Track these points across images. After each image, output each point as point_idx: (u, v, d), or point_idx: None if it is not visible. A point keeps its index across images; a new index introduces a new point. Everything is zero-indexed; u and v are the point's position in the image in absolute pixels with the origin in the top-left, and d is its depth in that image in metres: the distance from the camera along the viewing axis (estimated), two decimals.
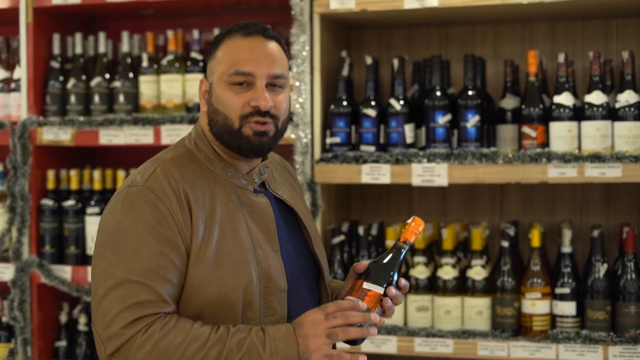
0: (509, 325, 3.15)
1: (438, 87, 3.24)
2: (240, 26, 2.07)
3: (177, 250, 1.96)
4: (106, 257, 1.95)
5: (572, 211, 3.50)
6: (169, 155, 2.09)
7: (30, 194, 3.63)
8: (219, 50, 2.07)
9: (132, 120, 3.49)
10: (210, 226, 2.00)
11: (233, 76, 2.03)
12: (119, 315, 1.90)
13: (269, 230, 2.09)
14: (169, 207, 1.97)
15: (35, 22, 3.65)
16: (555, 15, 3.40)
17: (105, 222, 2.01)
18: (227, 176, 2.09)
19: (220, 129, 2.06)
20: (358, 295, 2.03)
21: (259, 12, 3.72)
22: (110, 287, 1.92)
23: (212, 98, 2.07)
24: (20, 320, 3.61)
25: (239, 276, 1.99)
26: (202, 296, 1.97)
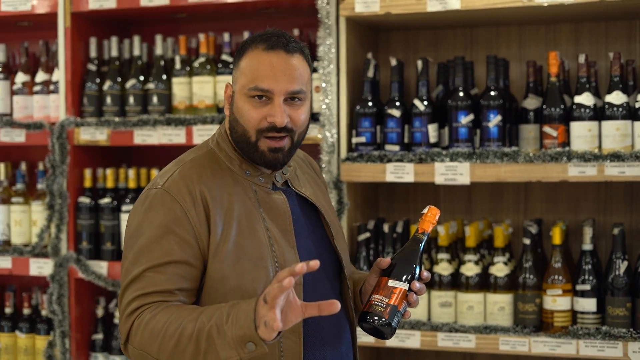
0: (530, 321, 3.21)
1: (461, 88, 3.31)
2: (264, 37, 2.12)
3: (190, 247, 2.06)
4: (127, 257, 2.10)
5: (595, 210, 3.55)
6: (190, 157, 2.19)
7: (68, 192, 3.76)
8: (242, 61, 2.13)
9: (165, 120, 3.61)
10: (229, 223, 2.09)
11: (252, 91, 2.09)
12: (128, 306, 2.05)
13: (286, 226, 2.17)
14: (183, 207, 2.07)
15: (73, 27, 3.78)
16: (578, 16, 3.45)
17: (128, 224, 2.15)
18: (246, 175, 2.17)
19: (239, 137, 2.15)
20: (384, 294, 2.11)
21: (289, 15, 3.81)
22: (127, 284, 2.07)
23: (233, 107, 2.15)
24: (58, 313, 3.75)
25: (256, 270, 2.08)
26: (222, 289, 2.07)
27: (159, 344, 1.98)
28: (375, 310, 2.10)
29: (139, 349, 2.03)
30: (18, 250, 3.86)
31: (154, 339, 1.99)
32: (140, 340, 2.02)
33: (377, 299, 2.11)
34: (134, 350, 2.05)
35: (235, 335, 1.89)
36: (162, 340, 1.98)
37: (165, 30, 3.97)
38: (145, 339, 2.01)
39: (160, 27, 4.03)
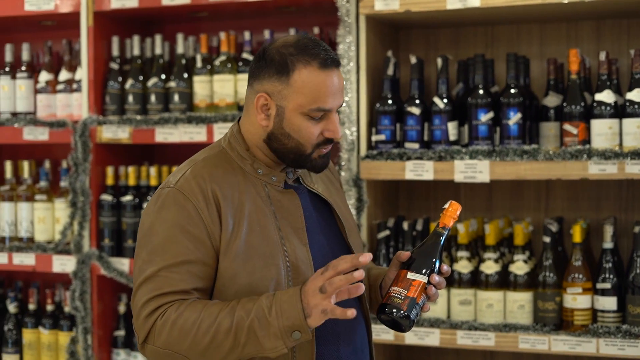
0: (550, 319, 3.20)
1: (481, 86, 3.30)
2: (312, 52, 2.11)
3: (203, 246, 2.08)
4: (140, 256, 2.11)
5: (617, 208, 3.53)
6: (202, 156, 2.21)
7: (91, 190, 3.80)
8: (294, 77, 2.11)
9: (186, 118, 3.63)
10: (239, 221, 2.11)
11: (314, 112, 2.12)
12: (144, 306, 2.06)
13: (297, 224, 2.18)
14: (196, 206, 2.08)
15: (96, 26, 3.82)
16: (600, 13, 3.43)
17: (142, 223, 2.16)
18: (258, 174, 2.19)
19: (288, 151, 2.16)
20: (403, 286, 2.11)
21: (310, 13, 3.82)
22: (141, 282, 2.08)
23: (283, 121, 2.13)
24: (81, 310, 3.78)
25: (267, 268, 2.10)
26: (233, 287, 2.09)
27: (190, 341, 2.00)
28: (394, 302, 2.10)
29: (164, 347, 2.04)
30: (41, 247, 3.90)
31: (184, 337, 2.01)
32: (166, 340, 2.03)
33: (396, 291, 2.12)
34: (156, 350, 2.05)
35: (282, 325, 1.96)
36: (194, 337, 2.00)
37: (187, 29, 4.00)
38: (174, 337, 2.02)
39: (182, 25, 4.05)
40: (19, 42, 4.20)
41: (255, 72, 2.17)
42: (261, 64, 2.16)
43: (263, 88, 2.14)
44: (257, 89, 2.15)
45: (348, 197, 3.37)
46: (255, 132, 2.19)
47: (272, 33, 3.67)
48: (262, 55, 2.16)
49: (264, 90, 2.14)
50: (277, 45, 2.15)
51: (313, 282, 1.98)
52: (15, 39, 4.30)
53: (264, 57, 2.15)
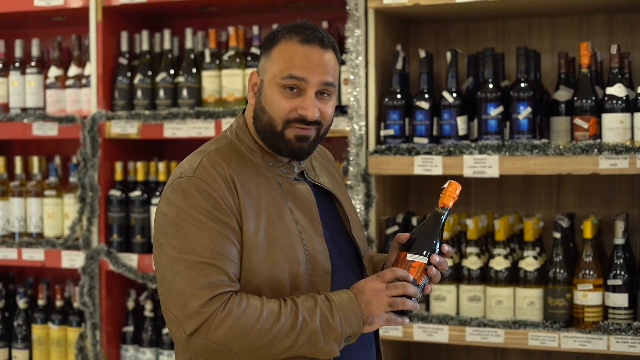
0: (560, 316, 3.16)
1: (490, 80, 3.27)
2: (299, 29, 2.11)
3: (234, 232, 2.05)
4: (169, 244, 2.03)
5: (629, 204, 3.49)
6: (212, 147, 2.16)
7: (99, 185, 3.79)
8: (274, 50, 2.11)
9: (195, 113, 3.62)
10: (258, 213, 2.08)
11: (286, 79, 2.08)
12: (195, 295, 1.97)
13: (312, 215, 2.17)
14: (221, 194, 2.05)
15: (105, 21, 3.81)
16: (612, 7, 3.39)
17: (162, 214, 2.08)
18: (269, 166, 2.16)
19: (263, 127, 2.13)
20: (403, 267, 2.10)
21: (319, 8, 3.80)
22: (180, 270, 2.00)
23: (261, 96, 2.13)
24: (89, 305, 3.78)
25: (288, 260, 2.08)
26: (255, 280, 2.06)
27: (250, 339, 1.98)
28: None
29: (218, 343, 1.97)
30: (50, 242, 3.90)
31: (245, 334, 1.98)
32: (224, 335, 1.97)
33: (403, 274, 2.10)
34: (206, 345, 1.98)
35: (344, 332, 2.03)
36: (256, 335, 1.98)
37: (196, 24, 3.98)
38: (234, 333, 1.97)
39: (191, 20, 4.04)
40: (28, 38, 4.20)
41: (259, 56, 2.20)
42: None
43: (257, 68, 2.18)
44: None
45: (356, 193, 3.34)
46: (250, 117, 2.18)
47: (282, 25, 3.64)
48: None
49: (256, 69, 2.17)
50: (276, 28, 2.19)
51: (374, 292, 2.06)
52: (25, 34, 4.30)
53: None
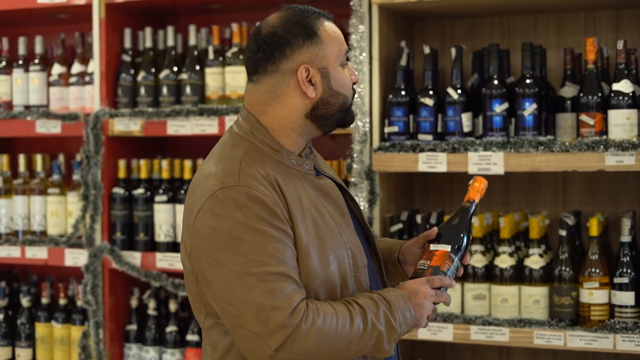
0: (566, 314, 3.13)
1: (495, 76, 3.24)
2: (315, 12, 2.14)
3: (290, 238, 2.00)
4: (232, 260, 1.94)
5: (636, 201, 3.45)
6: (240, 152, 2.07)
7: (103, 183, 3.77)
8: (323, 35, 2.09)
9: (198, 111, 3.60)
10: (303, 215, 2.04)
11: (343, 56, 2.14)
12: (277, 308, 1.90)
13: (342, 209, 2.16)
14: (272, 199, 1.98)
15: (108, 18, 3.79)
16: (618, 2, 3.36)
17: (211, 229, 1.97)
18: (293, 164, 2.12)
19: (335, 111, 2.13)
20: (427, 258, 2.18)
21: (323, 4, 3.75)
22: (253, 285, 1.92)
23: (330, 81, 2.10)
24: (92, 304, 3.76)
25: (337, 259, 2.07)
26: (313, 283, 2.02)
27: (331, 347, 1.95)
28: (417, 273, 2.16)
29: (301, 354, 1.93)
30: (54, 240, 3.89)
31: (327, 343, 1.95)
32: (308, 346, 1.92)
33: (420, 264, 2.18)
34: (291, 358, 1.93)
35: (402, 333, 2.05)
36: (336, 343, 1.96)
37: (199, 21, 3.96)
38: (316, 343, 1.93)
39: (194, 17, 4.02)
40: (32, 35, 4.18)
41: (271, 57, 2.08)
42: (272, 46, 2.08)
43: (297, 62, 2.07)
44: (290, 67, 2.07)
45: (360, 190, 3.32)
46: (293, 114, 2.11)
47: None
48: (267, 40, 2.08)
49: (300, 63, 2.07)
50: (277, 22, 2.11)
51: (425, 296, 2.09)
52: (28, 32, 4.28)
53: (271, 39, 2.08)
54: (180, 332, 3.81)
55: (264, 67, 2.09)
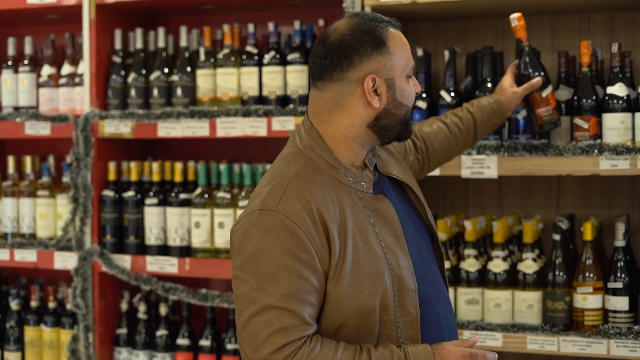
0: (559, 319, 3.11)
1: (489, 79, 3.22)
2: (385, 19, 2.15)
3: (315, 272, 2.01)
4: (248, 282, 2.01)
5: (630, 205, 3.43)
6: (292, 171, 2.10)
7: (93, 185, 3.74)
8: (391, 46, 2.11)
9: (189, 113, 3.56)
10: (345, 240, 2.04)
11: (411, 69, 2.15)
12: (267, 340, 1.97)
13: (396, 232, 2.14)
14: (306, 232, 2.01)
15: (98, 18, 3.76)
16: (613, 5, 3.34)
17: (241, 246, 2.05)
18: (349, 182, 2.13)
19: (396, 122, 2.15)
20: (545, 104, 2.89)
21: (315, 6, 3.74)
22: (255, 312, 1.99)
23: (396, 92, 2.12)
24: (82, 307, 3.72)
25: (375, 285, 2.05)
26: (342, 309, 2.03)
27: None
28: (550, 120, 2.91)
29: None
30: (43, 243, 3.85)
31: None
32: None
33: (543, 111, 2.90)
34: None
35: None
36: None
37: (191, 22, 3.93)
38: None
39: (185, 18, 3.98)
40: (21, 36, 4.15)
41: (338, 64, 2.09)
42: (340, 54, 2.09)
43: (364, 71, 2.09)
44: (356, 76, 2.09)
45: None
46: (356, 124, 2.13)
47: (276, 26, 3.60)
48: (335, 47, 2.09)
49: (367, 73, 2.09)
50: (346, 29, 2.11)
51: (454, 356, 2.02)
52: (18, 32, 4.24)
53: (339, 47, 2.09)
54: (170, 336, 3.77)
55: (330, 74, 2.11)
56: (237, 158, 3.87)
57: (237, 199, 3.57)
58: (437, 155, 2.74)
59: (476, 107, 2.82)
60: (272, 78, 3.52)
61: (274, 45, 3.57)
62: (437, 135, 2.74)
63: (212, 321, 3.72)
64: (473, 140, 2.83)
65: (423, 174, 2.76)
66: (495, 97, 2.86)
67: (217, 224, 3.58)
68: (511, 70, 2.92)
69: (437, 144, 2.73)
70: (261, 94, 3.56)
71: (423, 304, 2.13)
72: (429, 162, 2.74)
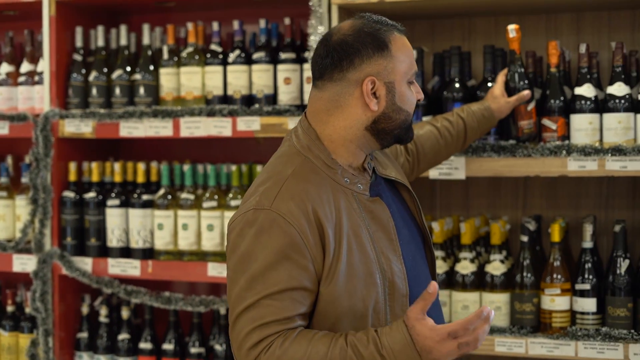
0: (527, 321, 3.09)
1: (457, 79, 3.19)
2: (386, 22, 2.14)
3: (306, 272, 2.00)
4: (238, 282, 2.02)
5: (596, 206, 3.43)
6: (288, 170, 2.09)
7: (52, 186, 3.65)
8: (394, 49, 2.10)
9: (152, 112, 3.50)
10: (339, 241, 2.03)
11: (413, 74, 2.14)
12: (247, 337, 1.98)
13: (390, 235, 2.13)
14: (299, 231, 1.99)
15: (58, 15, 3.67)
16: (580, 5, 3.33)
17: (235, 245, 2.05)
18: (346, 183, 2.11)
19: (395, 127, 2.13)
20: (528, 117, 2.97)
21: (281, 4, 3.69)
22: (241, 311, 2.00)
23: (395, 96, 2.10)
24: (42, 311, 3.64)
25: (367, 288, 2.04)
26: (334, 310, 2.02)
27: None
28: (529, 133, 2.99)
29: None
30: (1, 245, 3.75)
31: None
32: None
33: (525, 124, 2.96)
34: None
35: None
36: None
37: (154, 20, 3.85)
38: None
39: (148, 16, 3.91)
40: None
41: (339, 64, 2.08)
42: (341, 54, 2.08)
43: (364, 73, 2.08)
44: (356, 77, 2.08)
45: None
46: (353, 125, 2.11)
47: (241, 24, 3.54)
48: (337, 47, 2.09)
49: (366, 75, 2.08)
50: (349, 30, 2.10)
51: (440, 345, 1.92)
52: None
53: (341, 47, 2.08)
54: (132, 340, 3.70)
55: (330, 73, 2.10)
56: (201, 158, 3.80)
57: (201, 200, 3.51)
58: (427, 158, 2.76)
59: (467, 112, 2.87)
60: (237, 77, 3.47)
61: (239, 44, 3.52)
62: (428, 138, 2.77)
63: (175, 325, 3.66)
64: (462, 145, 2.87)
65: (413, 176, 2.76)
66: (485, 103, 2.91)
67: (181, 225, 3.51)
68: (501, 79, 2.98)
69: (428, 147, 2.76)
70: (226, 93, 3.51)
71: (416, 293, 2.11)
72: (419, 165, 2.74)
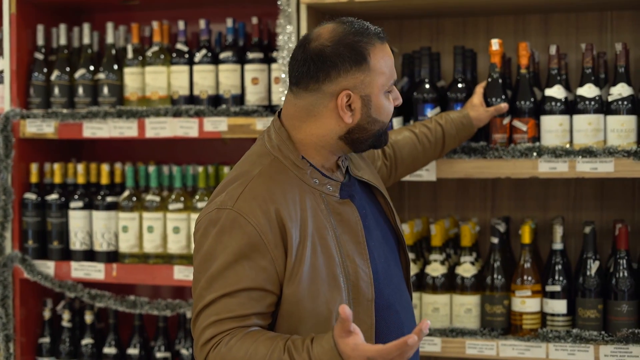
0: (498, 323, 3.08)
1: (427, 80, 3.17)
2: (369, 32, 2.09)
3: (265, 272, 2.00)
4: (199, 281, 2.04)
5: (565, 207, 3.43)
6: (255, 170, 2.09)
7: (13, 188, 3.56)
8: (373, 62, 2.07)
9: (116, 112, 3.43)
10: (303, 242, 2.01)
11: (391, 85, 2.12)
12: (202, 333, 2.01)
13: (358, 238, 2.11)
14: (260, 231, 1.99)
15: (19, 13, 3.58)
16: (548, 7, 3.33)
17: (198, 245, 2.07)
18: (314, 184, 2.09)
19: (369, 136, 2.12)
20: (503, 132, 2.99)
21: (249, 3, 3.64)
22: (200, 309, 2.02)
23: (370, 109, 2.09)
24: (2, 316, 3.55)
25: (330, 292, 2.02)
26: (298, 312, 2.01)
27: None
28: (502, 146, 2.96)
29: None
30: None
31: None
32: None
33: (499, 137, 2.98)
34: None
35: None
36: None
37: (118, 18, 3.78)
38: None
39: (112, 14, 3.83)
40: None
41: (314, 75, 2.05)
42: (318, 65, 2.05)
43: (340, 86, 2.06)
44: (331, 90, 2.05)
45: None
46: (327, 134, 2.10)
47: (207, 23, 3.48)
48: (314, 57, 2.05)
49: (342, 88, 2.06)
50: (328, 40, 2.05)
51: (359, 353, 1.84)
52: None
53: (318, 58, 2.05)
54: (96, 345, 3.63)
55: (306, 83, 2.08)
56: (166, 159, 3.74)
57: (166, 201, 3.45)
58: (405, 163, 2.75)
59: (445, 120, 2.87)
60: (203, 77, 3.42)
61: (205, 44, 3.46)
62: (406, 143, 2.76)
63: (140, 329, 3.59)
64: (440, 152, 2.88)
65: (390, 182, 2.75)
66: (465, 112, 2.91)
67: (146, 227, 3.45)
68: (480, 91, 3.00)
69: (406, 153, 2.75)
70: (192, 93, 3.45)
71: (387, 310, 2.10)
72: (396, 170, 2.73)
